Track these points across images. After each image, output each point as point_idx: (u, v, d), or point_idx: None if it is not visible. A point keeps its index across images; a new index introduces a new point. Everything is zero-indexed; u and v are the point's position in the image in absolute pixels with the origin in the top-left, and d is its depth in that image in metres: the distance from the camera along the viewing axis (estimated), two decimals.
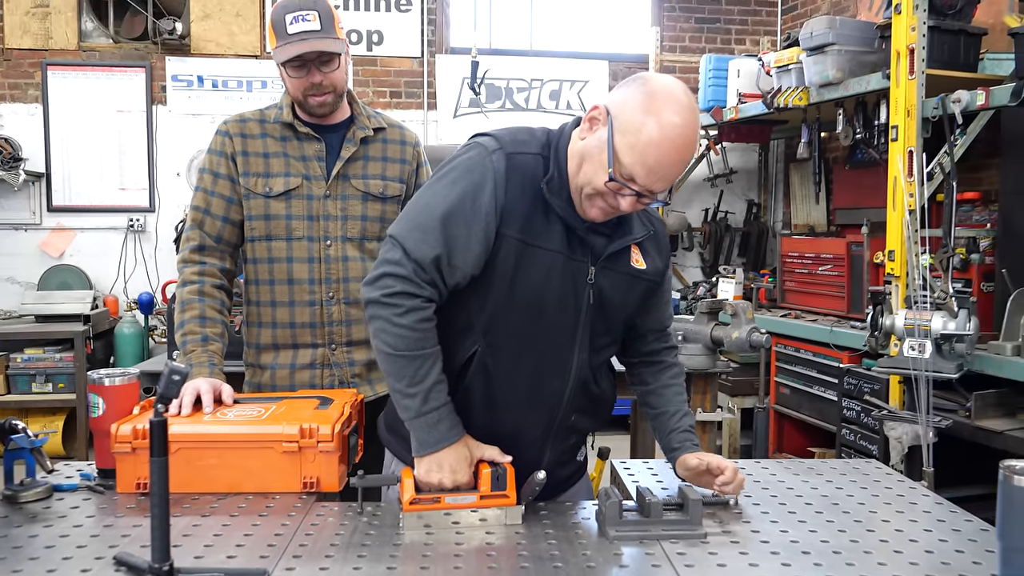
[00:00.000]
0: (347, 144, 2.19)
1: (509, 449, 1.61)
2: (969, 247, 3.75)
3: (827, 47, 4.12)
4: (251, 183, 2.15)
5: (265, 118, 2.21)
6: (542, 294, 1.57)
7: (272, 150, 2.17)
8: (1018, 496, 1.20)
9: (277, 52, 2.07)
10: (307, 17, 2.04)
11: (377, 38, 6.31)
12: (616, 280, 1.63)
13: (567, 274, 1.58)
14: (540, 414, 1.67)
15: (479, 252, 1.52)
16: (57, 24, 5.97)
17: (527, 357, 1.61)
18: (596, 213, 1.54)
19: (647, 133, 1.43)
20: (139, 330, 5.77)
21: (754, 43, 6.68)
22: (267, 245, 2.16)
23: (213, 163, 2.17)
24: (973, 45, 3.75)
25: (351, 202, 2.18)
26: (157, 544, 1.24)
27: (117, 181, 6.12)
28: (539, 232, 1.55)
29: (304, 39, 2.03)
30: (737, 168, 6.37)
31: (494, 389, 1.62)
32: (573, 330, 1.62)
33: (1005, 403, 3.26)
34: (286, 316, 2.16)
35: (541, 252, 1.55)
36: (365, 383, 2.20)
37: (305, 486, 1.68)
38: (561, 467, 1.77)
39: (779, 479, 1.86)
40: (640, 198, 1.49)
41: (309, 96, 2.11)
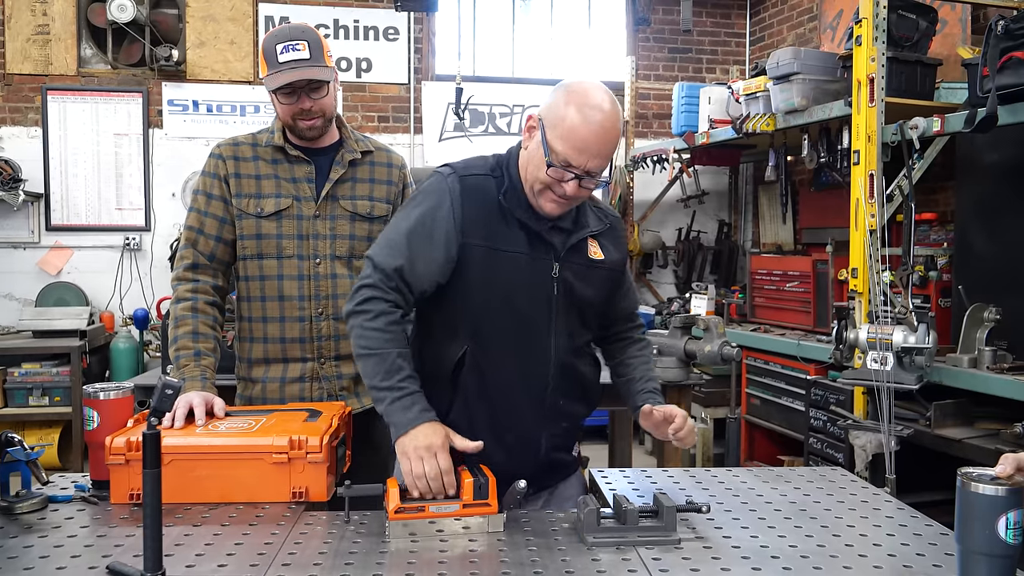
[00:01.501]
0: (336, 166, 2.24)
1: (510, 436, 1.79)
2: (927, 265, 3.85)
3: (792, 76, 4.24)
4: (243, 203, 2.19)
5: (257, 142, 2.25)
6: (512, 292, 1.75)
7: (264, 172, 2.22)
8: (975, 501, 1.24)
9: (268, 80, 2.12)
10: (297, 47, 2.09)
11: (366, 65, 6.41)
12: (578, 271, 1.81)
13: (533, 271, 1.76)
14: (531, 401, 1.82)
15: (441, 261, 1.73)
16: (57, 50, 6.03)
17: (510, 350, 1.78)
18: (551, 207, 1.72)
19: (570, 120, 1.64)
20: (134, 345, 5.80)
21: (724, 72, 6.84)
22: (258, 263, 2.21)
23: (207, 185, 2.21)
24: (929, 75, 3.88)
25: (339, 222, 2.23)
26: (150, 553, 1.26)
27: (114, 201, 6.16)
28: (502, 238, 1.74)
29: (294, 68, 2.08)
30: (709, 190, 6.48)
31: (487, 383, 1.78)
32: (547, 321, 1.79)
33: (963, 413, 3.34)
34: (277, 331, 2.21)
35: (506, 255, 1.74)
36: (352, 396, 2.25)
37: (294, 496, 1.71)
38: (557, 451, 1.92)
39: (750, 486, 1.90)
40: (581, 181, 1.67)
41: (299, 120, 2.16)
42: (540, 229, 1.76)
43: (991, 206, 3.64)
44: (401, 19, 6.44)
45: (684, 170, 6.15)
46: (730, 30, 7.00)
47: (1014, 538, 1.22)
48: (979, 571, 1.25)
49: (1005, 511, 1.22)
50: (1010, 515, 1.22)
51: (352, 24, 6.42)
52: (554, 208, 1.72)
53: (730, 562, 1.44)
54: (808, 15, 6.12)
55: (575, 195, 1.69)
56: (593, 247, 1.85)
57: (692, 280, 6.47)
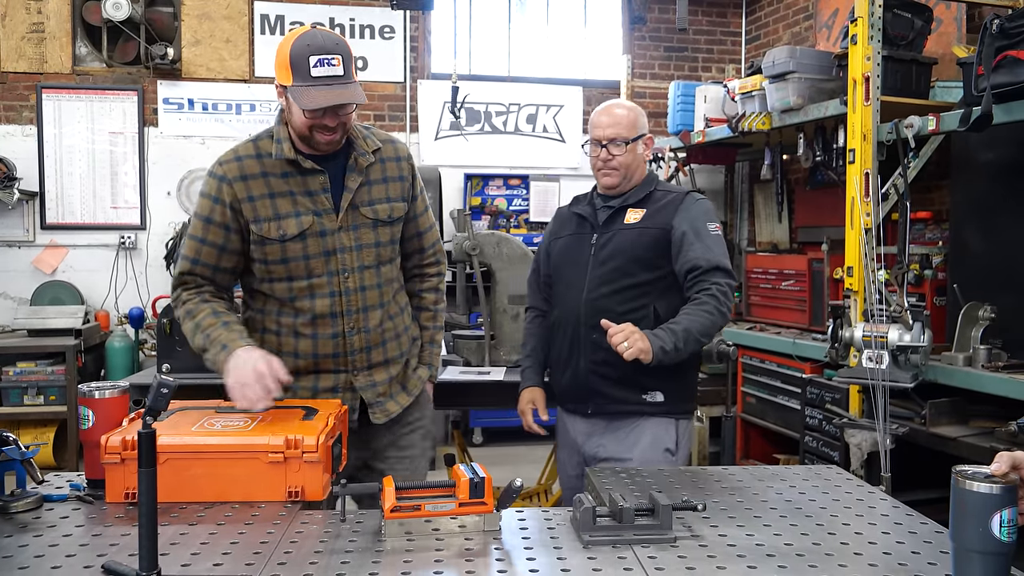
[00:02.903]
0: (351, 174, 2.13)
1: (561, 346, 2.52)
2: (922, 263, 3.86)
3: (788, 75, 4.25)
4: (264, 229, 2.07)
5: (261, 152, 2.11)
6: (562, 261, 2.56)
7: (277, 190, 2.08)
8: (970, 499, 1.24)
9: (298, 94, 1.96)
10: (332, 61, 1.96)
11: (362, 64, 6.41)
12: (613, 236, 2.46)
13: (576, 244, 2.53)
14: (569, 324, 2.48)
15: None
16: (52, 48, 6.02)
17: (561, 293, 2.53)
18: (605, 180, 2.50)
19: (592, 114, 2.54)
20: (129, 344, 5.80)
21: (720, 71, 6.86)
22: (288, 286, 2.12)
23: (205, 208, 2.09)
24: (924, 74, 3.90)
25: (363, 231, 2.14)
26: (145, 553, 1.26)
27: (109, 200, 6.15)
28: (563, 228, 2.62)
29: (329, 85, 1.96)
30: (704, 188, 6.49)
31: (553, 318, 2.58)
32: (583, 274, 2.47)
33: (957, 411, 3.36)
34: (309, 347, 2.15)
35: (561, 239, 2.60)
36: (390, 399, 2.23)
37: (290, 495, 1.71)
38: (601, 380, 2.42)
39: (745, 485, 1.91)
40: (603, 147, 2.45)
41: (317, 133, 2.03)
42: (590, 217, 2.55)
43: (986, 205, 3.65)
44: (397, 18, 6.44)
45: (680, 169, 6.16)
46: (726, 29, 7.01)
47: (1008, 536, 1.22)
48: (973, 569, 1.25)
49: (999, 509, 1.22)
50: (1004, 513, 1.22)
51: (348, 22, 6.42)
52: (606, 179, 2.50)
53: (726, 560, 1.45)
54: (804, 14, 6.13)
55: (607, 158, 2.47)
56: (632, 214, 2.47)
57: None
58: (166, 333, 3.02)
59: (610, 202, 2.52)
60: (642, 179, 2.54)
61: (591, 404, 2.47)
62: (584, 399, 2.48)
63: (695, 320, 2.30)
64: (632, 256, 2.43)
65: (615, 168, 2.46)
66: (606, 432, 2.47)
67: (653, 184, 2.54)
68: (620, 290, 2.42)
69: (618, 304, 2.40)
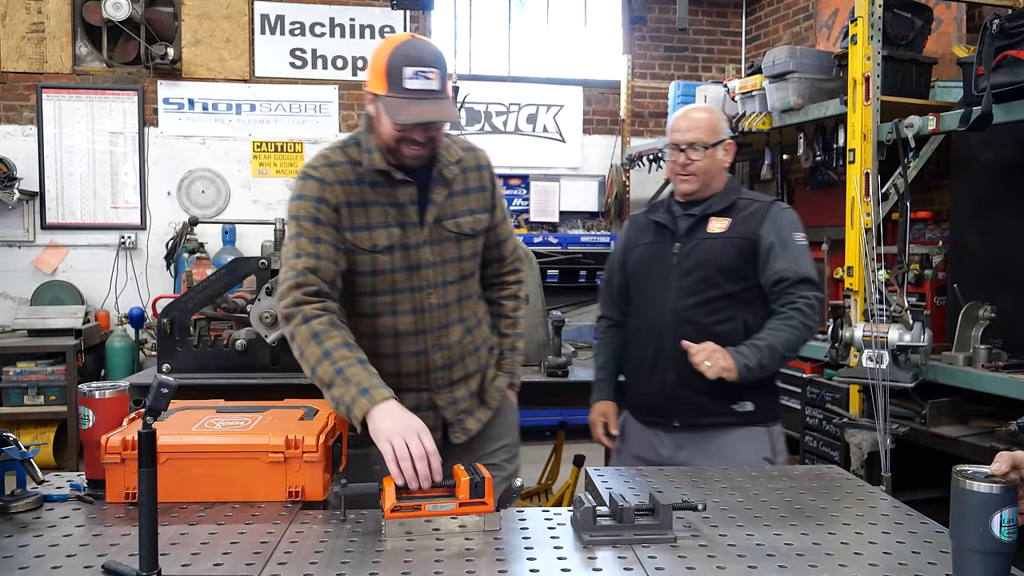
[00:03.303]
0: (436, 186, 2.03)
1: (644, 358, 2.45)
2: (922, 263, 3.86)
3: (788, 75, 4.26)
4: (358, 238, 1.98)
5: (351, 160, 2.01)
6: (642, 269, 2.50)
7: (369, 198, 1.99)
8: (970, 499, 1.24)
9: (390, 105, 1.87)
10: (429, 75, 1.86)
11: (362, 64, 6.42)
12: (696, 245, 2.40)
13: (656, 253, 2.47)
14: (653, 335, 2.43)
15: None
16: (52, 48, 6.02)
17: (643, 303, 2.49)
18: (683, 186, 2.43)
19: (671, 118, 2.55)
20: (130, 344, 5.81)
21: (720, 71, 6.86)
22: (372, 301, 2.03)
23: (310, 210, 1.96)
24: (924, 74, 3.91)
25: (447, 245, 2.05)
26: (145, 553, 1.26)
27: (109, 200, 6.16)
28: (640, 236, 2.55)
29: (423, 99, 1.86)
30: None
31: (633, 328, 2.54)
32: (665, 284, 2.41)
33: (957, 410, 3.37)
34: (390, 367, 2.04)
35: (639, 248, 2.53)
36: (470, 416, 2.14)
37: (290, 495, 1.71)
38: (690, 392, 2.34)
39: (746, 484, 1.91)
40: (681, 152, 2.40)
41: (404, 147, 1.94)
42: (668, 224, 2.49)
43: (986, 204, 3.65)
44: (397, 18, 6.44)
45: None
46: (726, 29, 7.01)
47: (1008, 535, 1.22)
48: (973, 568, 1.25)
49: (999, 509, 1.22)
50: (1004, 513, 1.22)
51: (348, 23, 6.42)
52: (683, 185, 2.44)
53: (726, 560, 1.45)
54: (804, 14, 6.13)
55: (685, 162, 2.41)
56: (715, 223, 2.41)
57: None
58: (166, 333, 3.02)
59: (691, 210, 2.44)
60: (723, 186, 2.46)
61: (679, 417, 2.40)
62: (671, 412, 2.40)
63: (780, 336, 2.27)
64: (718, 267, 2.37)
65: (693, 174, 2.39)
66: (696, 445, 2.38)
67: (736, 192, 2.47)
68: (706, 301, 2.36)
69: (705, 316, 2.35)
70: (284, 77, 6.36)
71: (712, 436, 2.37)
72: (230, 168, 6.33)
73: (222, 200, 6.35)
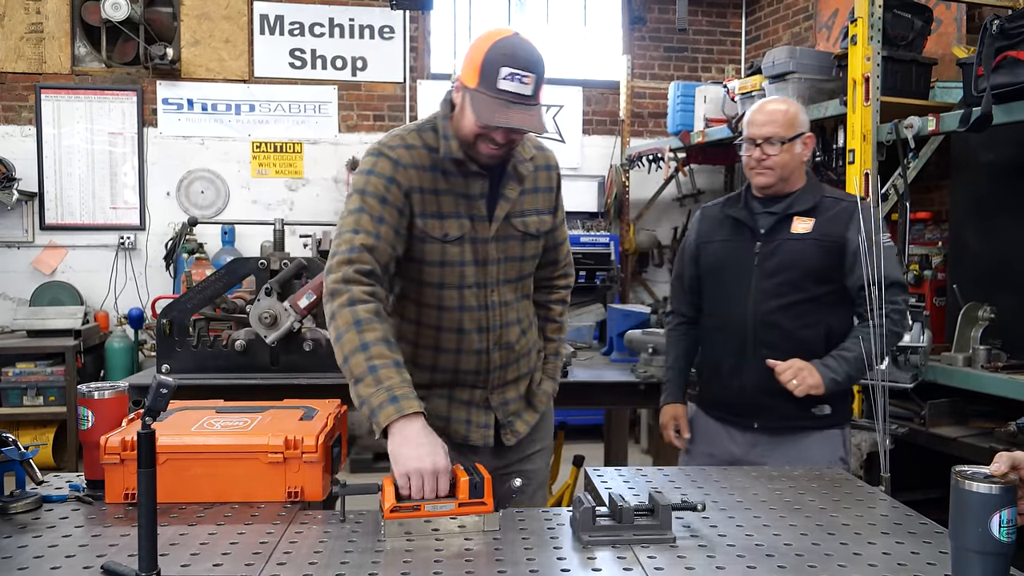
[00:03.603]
0: (511, 183, 1.97)
1: (723, 360, 2.44)
2: (922, 263, 3.87)
3: (788, 75, 4.25)
4: (429, 226, 1.90)
5: (428, 145, 1.92)
6: (718, 267, 2.46)
7: (442, 186, 1.91)
8: (969, 500, 1.24)
9: (478, 101, 1.78)
10: (524, 79, 1.76)
11: (361, 64, 6.42)
12: (779, 245, 2.35)
13: (735, 251, 2.41)
14: (733, 337, 2.40)
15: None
16: (51, 49, 6.03)
17: (720, 303, 2.46)
18: (759, 179, 2.38)
19: (748, 112, 2.43)
20: (129, 344, 5.81)
21: (720, 71, 6.87)
22: (438, 293, 1.95)
23: (378, 187, 1.86)
24: (924, 74, 3.90)
25: (511, 243, 1.99)
26: (144, 553, 1.26)
27: (108, 200, 6.16)
28: (715, 231, 2.50)
29: (512, 103, 1.77)
30: (704, 189, 6.51)
31: (710, 327, 2.51)
32: (747, 285, 2.37)
33: (957, 411, 3.37)
34: (450, 362, 1.99)
35: (714, 244, 2.48)
36: (518, 418, 2.09)
37: (289, 495, 1.71)
38: (771, 396, 2.30)
39: (745, 485, 1.91)
40: (757, 146, 2.34)
41: (482, 144, 1.85)
42: (747, 220, 2.44)
43: (986, 205, 3.65)
44: (396, 18, 6.44)
45: (680, 169, 6.16)
46: (726, 29, 7.01)
47: (1007, 536, 1.23)
48: (973, 569, 1.25)
49: (999, 509, 1.22)
50: (1003, 513, 1.22)
51: (347, 23, 6.42)
52: (759, 178, 2.38)
53: (725, 560, 1.45)
54: (803, 14, 6.13)
55: (761, 157, 2.35)
56: (799, 223, 2.35)
57: None
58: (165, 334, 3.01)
59: (772, 208, 2.39)
60: (803, 182, 2.40)
61: (758, 419, 2.39)
62: (751, 414, 2.39)
63: (868, 346, 2.19)
64: (804, 269, 2.32)
65: (770, 168, 2.34)
66: (771, 446, 2.39)
67: (820, 190, 2.41)
68: (791, 304, 2.33)
69: (790, 320, 2.33)
70: (283, 77, 6.36)
71: (789, 438, 2.37)
72: (229, 168, 6.33)
73: (221, 200, 6.35)
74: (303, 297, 2.96)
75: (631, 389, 3.15)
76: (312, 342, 3.04)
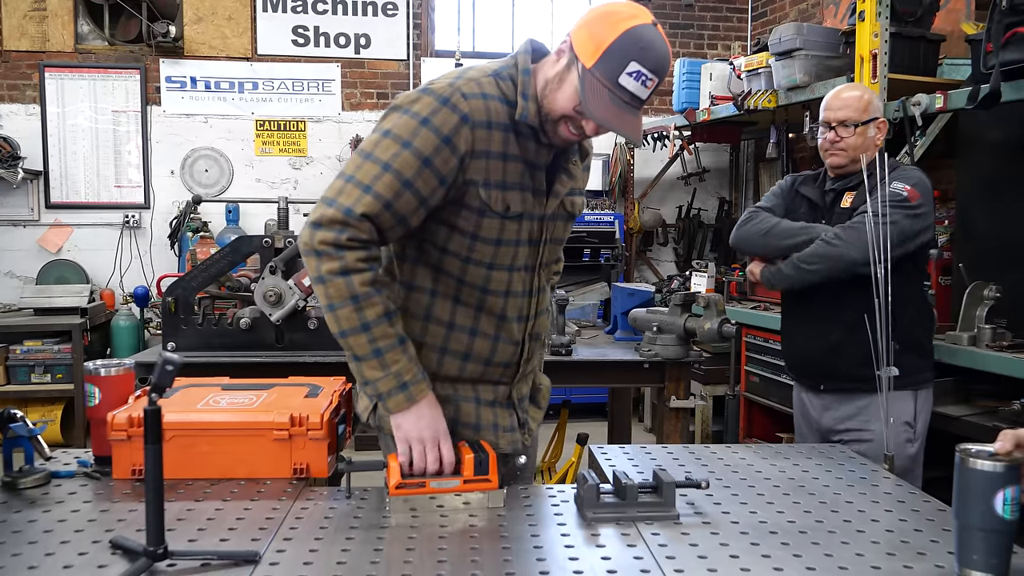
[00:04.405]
0: (575, 157, 1.78)
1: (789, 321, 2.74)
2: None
3: (795, 52, 4.20)
4: (491, 198, 1.63)
5: (505, 97, 1.63)
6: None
7: (512, 151, 1.64)
8: (973, 477, 1.25)
9: (591, 88, 1.54)
10: (648, 83, 1.55)
11: (364, 41, 6.38)
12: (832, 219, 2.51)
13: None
14: (797, 303, 2.66)
15: None
16: (54, 27, 6.00)
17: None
18: (832, 159, 2.55)
19: (825, 96, 2.60)
20: (135, 322, 5.84)
21: (725, 48, 6.81)
22: (486, 274, 1.70)
23: (427, 144, 1.55)
24: (932, 51, 3.85)
25: (557, 223, 1.79)
26: (152, 528, 1.27)
27: (113, 179, 6.16)
28: (796, 205, 2.66)
29: (626, 104, 1.56)
30: (709, 167, 6.47)
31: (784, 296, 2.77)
32: None
33: (962, 390, 3.36)
34: (485, 350, 1.74)
35: (797, 216, 2.60)
36: (533, 420, 1.92)
37: (295, 472, 1.72)
38: (835, 358, 2.50)
39: (748, 463, 1.91)
40: (831, 129, 2.52)
41: (563, 128, 1.63)
42: (820, 202, 2.62)
43: (993, 184, 3.62)
44: None
45: (685, 147, 6.13)
46: (732, 5, 6.95)
47: (1011, 514, 1.23)
48: (976, 546, 1.26)
49: (1003, 487, 1.23)
50: (1007, 491, 1.23)
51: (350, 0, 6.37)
52: (832, 158, 2.55)
53: (728, 537, 1.46)
54: None
55: (834, 139, 2.53)
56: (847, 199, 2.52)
57: (692, 258, 6.48)
58: (171, 312, 3.02)
59: (835, 185, 2.59)
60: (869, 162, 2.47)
61: (824, 381, 2.57)
62: (817, 376, 2.59)
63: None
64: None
65: (842, 149, 2.52)
66: (842, 406, 2.54)
67: (875, 167, 2.43)
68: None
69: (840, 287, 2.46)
70: (286, 55, 6.33)
71: (855, 399, 2.50)
72: (233, 147, 6.32)
73: (225, 179, 6.34)
74: (307, 275, 2.96)
75: (635, 368, 3.14)
76: (317, 320, 3.04)
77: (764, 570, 1.33)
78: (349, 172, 1.57)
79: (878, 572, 1.32)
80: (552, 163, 1.73)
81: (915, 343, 2.48)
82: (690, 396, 3.14)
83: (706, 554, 1.38)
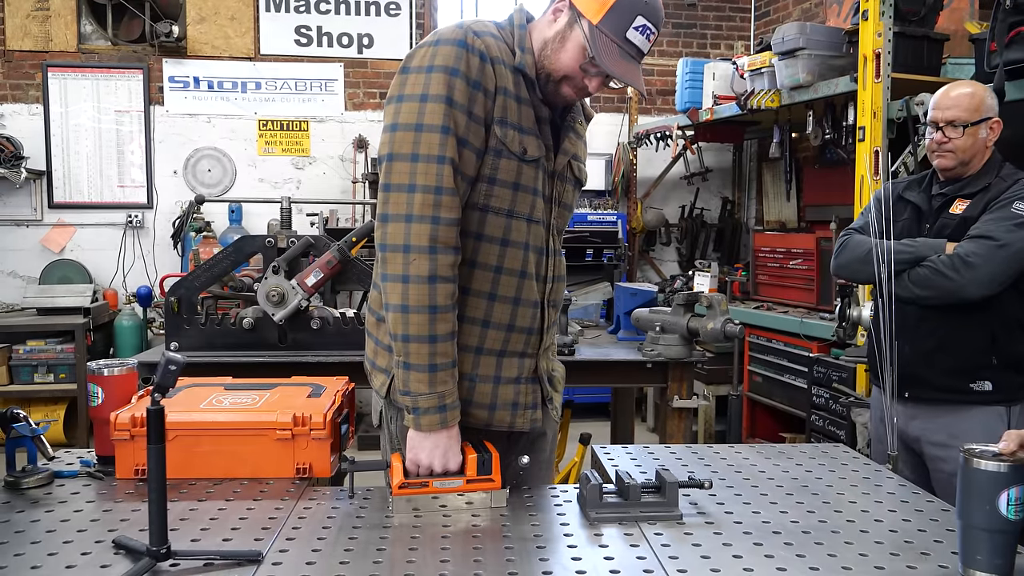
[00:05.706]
0: (579, 117, 1.75)
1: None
2: None
3: (798, 52, 4.20)
4: (507, 137, 1.58)
5: (508, 43, 1.62)
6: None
7: (523, 95, 1.61)
8: (977, 477, 1.25)
9: (599, 43, 1.54)
10: (651, 35, 1.57)
11: (367, 41, 6.38)
12: (938, 225, 2.37)
13: (907, 230, 2.42)
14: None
15: None
16: (57, 27, 6.00)
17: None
18: (939, 161, 2.38)
19: (934, 95, 2.42)
20: (138, 322, 5.84)
21: (729, 47, 6.80)
22: (506, 223, 1.63)
23: (461, 94, 1.51)
24: (936, 50, 3.85)
25: (567, 188, 1.76)
26: (155, 528, 1.27)
27: (116, 179, 6.17)
28: (898, 211, 2.45)
29: (632, 57, 1.57)
30: (712, 167, 6.47)
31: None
32: None
33: None
34: (505, 316, 1.67)
35: (898, 223, 2.43)
36: (555, 393, 1.87)
37: (298, 472, 1.72)
38: (925, 367, 2.33)
39: (751, 463, 1.91)
40: (939, 129, 2.35)
41: (566, 85, 1.62)
42: (923, 206, 2.45)
43: None
44: None
45: (688, 147, 6.13)
46: (735, 5, 6.94)
47: (1016, 514, 1.23)
48: (980, 547, 1.25)
49: (1007, 487, 1.22)
50: (1012, 491, 1.22)
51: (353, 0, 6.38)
52: (940, 159, 2.38)
53: (732, 537, 1.45)
54: None
55: (941, 139, 2.36)
56: (959, 205, 2.36)
57: (695, 258, 6.48)
58: (174, 311, 3.02)
59: (944, 189, 2.42)
60: (982, 165, 2.38)
61: (909, 389, 2.37)
62: (903, 383, 2.33)
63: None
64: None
65: (950, 151, 2.35)
66: (928, 418, 2.38)
67: (994, 171, 2.38)
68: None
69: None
70: (289, 55, 6.33)
71: (943, 412, 2.35)
72: (236, 146, 6.33)
73: (228, 179, 6.35)
74: (310, 275, 2.96)
75: (638, 367, 3.14)
76: (319, 320, 3.04)
77: (767, 570, 1.32)
78: (408, 150, 1.52)
79: (882, 572, 1.32)
80: (559, 121, 1.71)
81: (1015, 360, 2.33)
82: (693, 396, 3.14)
83: (709, 554, 1.38)
